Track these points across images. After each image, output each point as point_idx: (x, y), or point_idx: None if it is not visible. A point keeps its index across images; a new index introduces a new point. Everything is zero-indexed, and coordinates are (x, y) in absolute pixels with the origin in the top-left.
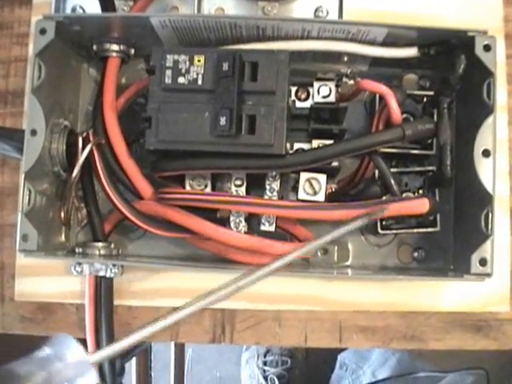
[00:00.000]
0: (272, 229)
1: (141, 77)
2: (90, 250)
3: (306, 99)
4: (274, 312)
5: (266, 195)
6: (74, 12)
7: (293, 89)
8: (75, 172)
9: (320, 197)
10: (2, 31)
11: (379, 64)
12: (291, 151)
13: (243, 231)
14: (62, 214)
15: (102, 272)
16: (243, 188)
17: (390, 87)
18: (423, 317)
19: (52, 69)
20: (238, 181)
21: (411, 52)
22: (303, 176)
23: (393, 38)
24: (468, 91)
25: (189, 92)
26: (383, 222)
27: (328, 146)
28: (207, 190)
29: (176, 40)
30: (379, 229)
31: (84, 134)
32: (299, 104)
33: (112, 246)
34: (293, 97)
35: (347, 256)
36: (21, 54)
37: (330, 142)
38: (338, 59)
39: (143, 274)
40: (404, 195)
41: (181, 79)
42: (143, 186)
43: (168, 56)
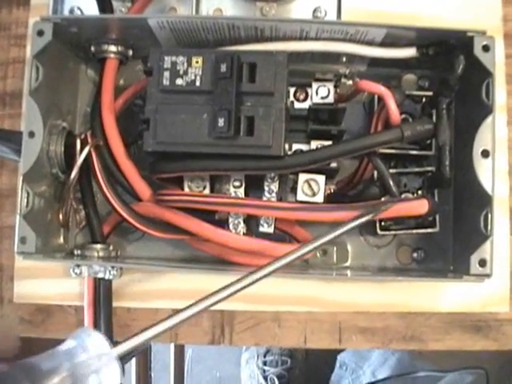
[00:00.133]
0: (271, 230)
1: (139, 78)
2: (89, 252)
3: (305, 100)
4: (274, 313)
5: (265, 196)
6: (72, 13)
7: (291, 90)
8: (73, 174)
9: (319, 198)
10: (0, 32)
11: (378, 64)
12: (290, 152)
13: (242, 233)
14: (61, 216)
15: (101, 274)
16: (242, 189)
17: (389, 88)
18: (423, 317)
19: (50, 70)
20: (237, 182)
21: (410, 52)
22: (302, 177)
23: (391, 39)
24: (467, 91)
25: (187, 93)
26: (382, 223)
27: (327, 147)
28: (206, 192)
29: (174, 41)
30: (378, 230)
31: (82, 136)
32: (298, 105)
33: (111, 248)
34: (291, 98)
35: (346, 257)
36: (19, 56)
37: (329, 143)
38: (337, 60)
39: (142, 276)
40: (403, 196)
41: (179, 81)
42: (141, 188)
43: (166, 57)
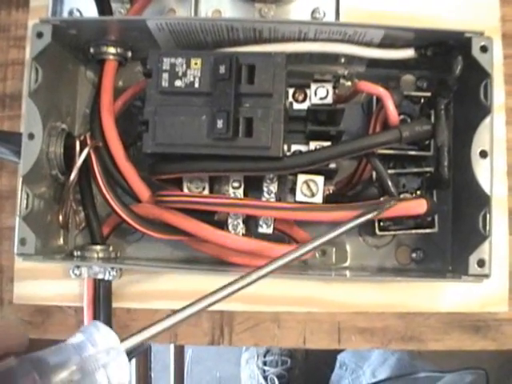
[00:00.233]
0: (270, 231)
1: (138, 80)
2: (89, 253)
3: (304, 101)
4: (273, 313)
5: (264, 197)
6: (71, 15)
7: (290, 91)
8: (73, 175)
9: (318, 199)
10: None
11: (376, 65)
12: (289, 153)
13: (241, 233)
14: (60, 218)
15: (101, 275)
16: (241, 190)
17: (387, 89)
18: (422, 317)
19: (49, 72)
20: (236, 183)
21: (408, 53)
22: (301, 178)
23: (390, 40)
24: (465, 92)
25: (186, 95)
26: (381, 224)
27: (325, 148)
28: (205, 193)
29: (173, 43)
30: (377, 230)
31: (81, 137)
32: (296, 106)
33: (110, 249)
34: (290, 99)
35: (345, 257)
36: (18, 58)
37: (328, 144)
38: (335, 61)
39: (141, 277)
40: (402, 196)
41: (178, 82)
42: (141, 189)
43: (165, 59)
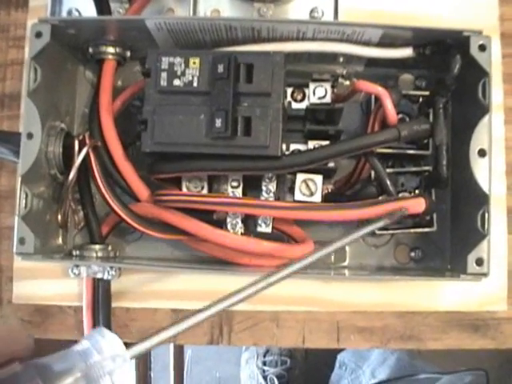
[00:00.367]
0: (269, 230)
1: (137, 79)
2: (88, 253)
3: (302, 100)
4: (272, 313)
5: (263, 196)
6: (70, 15)
7: (288, 90)
8: (72, 175)
9: (316, 198)
10: None
11: (375, 64)
12: (287, 152)
13: (240, 233)
14: (59, 217)
15: (100, 274)
16: (240, 189)
17: (386, 88)
18: (421, 317)
19: (48, 72)
20: (235, 182)
21: (406, 52)
22: (299, 177)
23: (388, 39)
24: (463, 91)
25: (184, 94)
26: None
27: (324, 147)
28: (204, 192)
29: (171, 42)
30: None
31: (80, 137)
32: (295, 105)
33: (109, 249)
34: (288, 98)
35: (344, 256)
36: (17, 57)
37: (326, 143)
38: (334, 60)
39: (141, 276)
40: (400, 195)
41: (176, 81)
42: (140, 189)
43: (163, 58)
